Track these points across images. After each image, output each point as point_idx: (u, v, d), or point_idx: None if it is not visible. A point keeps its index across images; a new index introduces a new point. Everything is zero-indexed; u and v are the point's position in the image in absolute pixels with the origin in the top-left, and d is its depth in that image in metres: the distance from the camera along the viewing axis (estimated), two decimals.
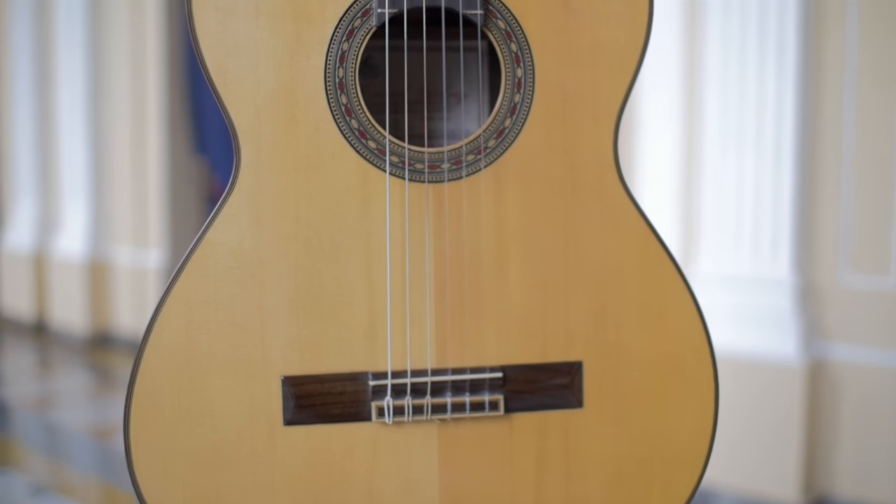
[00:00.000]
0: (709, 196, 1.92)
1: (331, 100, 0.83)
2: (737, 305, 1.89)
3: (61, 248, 3.52)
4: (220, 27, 0.82)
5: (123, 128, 3.34)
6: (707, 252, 1.94)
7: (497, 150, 0.86)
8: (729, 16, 1.87)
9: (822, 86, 1.82)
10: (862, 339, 1.81)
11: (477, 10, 0.84)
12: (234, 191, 0.83)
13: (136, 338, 3.31)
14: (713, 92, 1.90)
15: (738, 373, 1.85)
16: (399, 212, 0.84)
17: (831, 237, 1.83)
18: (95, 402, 2.69)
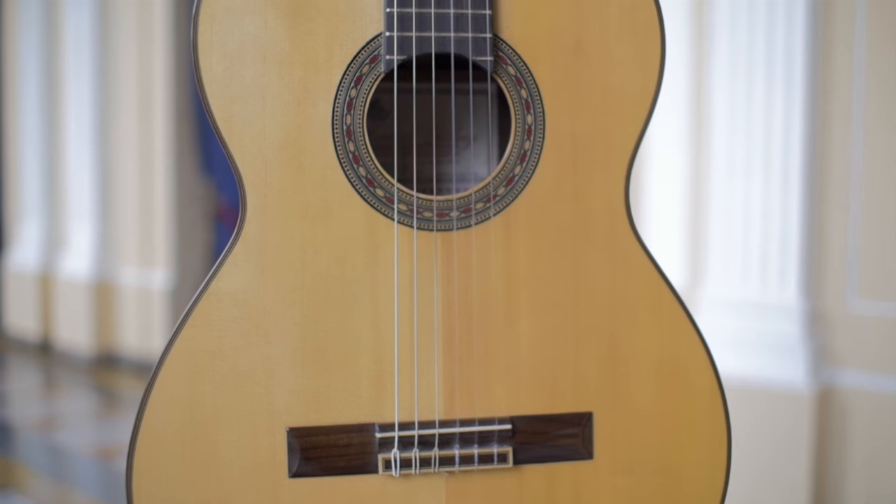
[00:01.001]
0: (716, 221, 1.91)
1: (338, 147, 0.82)
2: (745, 331, 1.88)
3: (67, 267, 3.52)
4: (227, 73, 0.81)
5: (130, 148, 3.34)
6: (715, 277, 1.93)
7: (507, 197, 0.85)
8: (736, 42, 1.86)
9: (829, 112, 1.81)
10: (871, 366, 1.79)
11: (487, 56, 0.83)
12: (240, 240, 0.81)
13: (142, 358, 3.30)
14: (720, 117, 1.89)
15: (746, 399, 1.83)
16: (407, 261, 0.83)
17: (839, 263, 1.81)
18: (100, 423, 2.68)
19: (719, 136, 1.89)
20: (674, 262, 2.01)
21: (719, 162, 1.90)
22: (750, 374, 1.84)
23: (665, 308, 0.87)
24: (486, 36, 0.82)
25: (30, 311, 3.72)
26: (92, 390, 3.08)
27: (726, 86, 1.88)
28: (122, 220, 3.40)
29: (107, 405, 2.89)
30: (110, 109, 3.40)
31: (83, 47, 3.41)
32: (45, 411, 2.80)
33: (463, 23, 0.82)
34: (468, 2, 0.82)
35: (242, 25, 0.81)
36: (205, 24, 0.80)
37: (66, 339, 3.51)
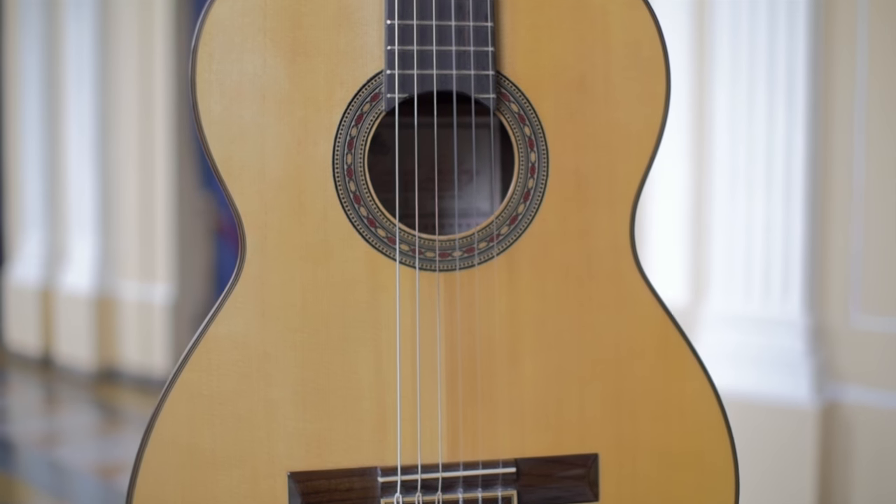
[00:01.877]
0: (719, 236, 1.90)
1: (339, 187, 0.81)
2: (747, 346, 1.87)
3: (68, 282, 3.51)
4: (226, 113, 0.80)
5: (131, 162, 3.33)
6: (717, 292, 1.92)
7: (510, 236, 0.83)
8: (738, 57, 1.85)
9: (832, 125, 1.80)
10: (875, 381, 1.78)
11: (489, 94, 0.81)
12: (239, 282, 0.80)
13: (143, 373, 3.29)
14: (722, 130, 1.88)
15: (749, 415, 1.82)
16: (409, 302, 0.82)
17: (842, 278, 1.80)
18: (101, 440, 2.67)
19: (721, 150, 1.89)
20: (676, 277, 2.00)
21: (721, 176, 1.89)
22: (753, 390, 1.83)
23: (671, 347, 0.86)
24: (489, 73, 0.81)
25: (30, 326, 3.71)
26: (93, 406, 3.06)
27: (727, 99, 1.87)
28: (122, 235, 3.39)
29: (108, 421, 2.88)
30: (111, 123, 3.39)
31: (84, 60, 3.40)
32: (45, 427, 2.78)
33: (465, 60, 0.81)
34: (470, 39, 0.81)
35: (241, 64, 0.80)
36: (203, 63, 0.79)
37: (67, 353, 3.50)
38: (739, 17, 1.85)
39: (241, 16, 0.80)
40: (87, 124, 3.40)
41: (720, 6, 1.88)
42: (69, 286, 3.49)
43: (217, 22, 0.79)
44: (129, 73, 3.31)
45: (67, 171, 3.56)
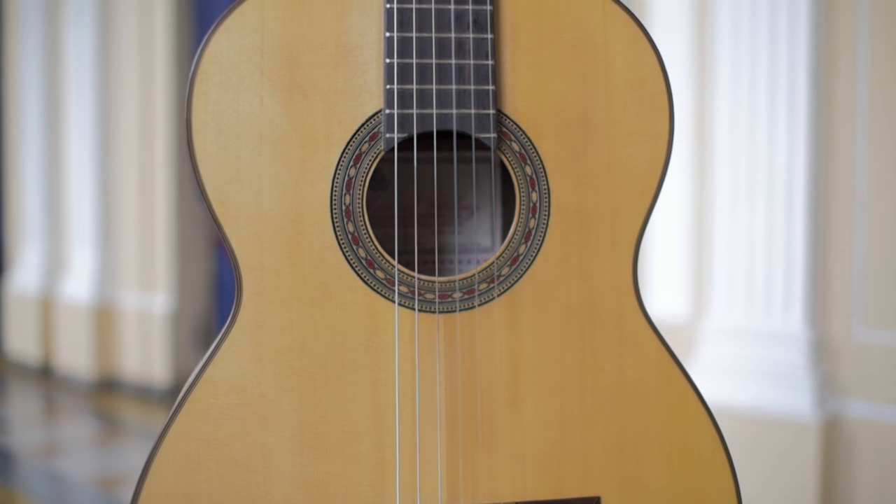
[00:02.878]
0: (720, 249, 1.90)
1: (337, 228, 0.80)
2: (749, 360, 1.86)
3: (68, 291, 3.50)
4: (222, 153, 0.78)
5: (131, 172, 3.32)
6: (719, 306, 1.91)
7: (511, 277, 0.82)
8: (739, 69, 1.84)
9: (833, 138, 1.79)
10: (878, 396, 1.77)
11: (490, 133, 0.80)
12: (236, 325, 0.79)
13: (143, 383, 3.28)
14: (723, 144, 1.88)
15: (752, 429, 1.81)
16: (408, 344, 0.81)
17: (845, 291, 1.79)
18: (101, 450, 2.66)
19: (722, 163, 1.88)
20: (677, 290, 1.99)
21: (722, 189, 1.88)
22: (755, 404, 1.82)
23: (674, 388, 0.84)
24: (490, 112, 0.80)
25: (30, 335, 3.70)
26: (92, 416, 3.05)
27: (728, 111, 1.86)
28: (123, 245, 3.38)
29: (107, 432, 2.86)
30: (111, 133, 3.38)
31: (85, 70, 3.39)
32: (45, 438, 2.77)
33: (465, 99, 0.80)
34: (471, 77, 0.80)
35: (238, 103, 0.78)
36: (199, 103, 0.78)
37: (67, 363, 3.49)
38: (740, 28, 1.84)
39: (238, 54, 0.78)
40: (88, 134, 3.40)
41: (721, 16, 1.87)
42: (69, 295, 3.48)
43: (213, 60, 0.78)
44: (129, 82, 3.31)
45: (68, 180, 3.55)
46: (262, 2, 0.78)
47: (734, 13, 1.85)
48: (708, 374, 1.90)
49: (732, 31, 1.85)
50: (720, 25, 1.87)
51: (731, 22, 1.86)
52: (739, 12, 1.84)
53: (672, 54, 1.98)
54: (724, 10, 1.86)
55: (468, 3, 0.79)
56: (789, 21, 1.78)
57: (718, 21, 1.87)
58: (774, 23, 1.80)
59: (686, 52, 1.96)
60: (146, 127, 3.26)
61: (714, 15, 1.88)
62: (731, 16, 1.85)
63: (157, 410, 3.11)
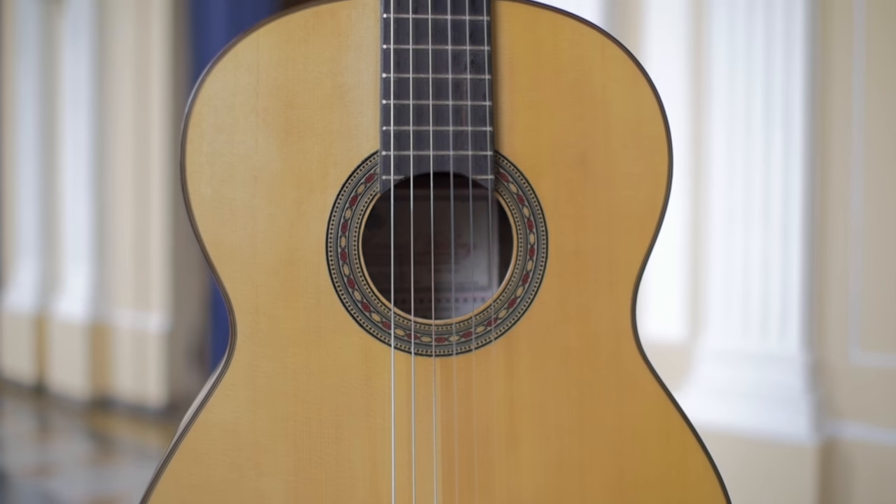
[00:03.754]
0: (716, 271, 1.89)
1: (332, 271, 0.79)
2: (745, 382, 1.85)
3: (62, 309, 3.48)
4: (216, 195, 0.78)
5: (127, 190, 3.31)
6: (715, 328, 1.90)
7: (508, 320, 0.81)
8: (735, 93, 1.84)
9: (829, 161, 1.79)
10: (874, 418, 1.76)
11: (488, 175, 0.79)
12: (230, 369, 0.78)
13: (137, 402, 3.26)
14: (719, 167, 1.87)
15: (749, 452, 1.81)
16: (405, 388, 0.80)
17: (841, 314, 1.79)
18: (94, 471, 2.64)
19: (718, 185, 1.87)
20: (674, 312, 1.98)
21: (719, 210, 1.88)
22: (751, 426, 1.81)
23: (674, 432, 0.83)
24: (487, 154, 0.79)
25: (24, 353, 3.68)
26: (86, 436, 3.03)
27: (724, 134, 1.86)
28: (117, 263, 3.37)
29: (101, 451, 2.85)
30: (107, 151, 3.37)
31: (81, 88, 3.39)
32: (38, 458, 2.75)
33: (462, 140, 0.79)
34: (468, 118, 0.79)
35: (232, 145, 0.78)
36: (193, 145, 0.77)
37: (61, 381, 3.47)
38: (736, 53, 1.84)
39: (233, 95, 0.77)
40: (83, 151, 3.39)
41: (717, 41, 1.87)
42: (63, 313, 3.47)
43: (208, 101, 0.77)
44: (125, 100, 3.30)
45: (63, 198, 3.54)
46: (258, 42, 0.78)
47: (730, 36, 1.85)
48: (704, 395, 1.89)
49: (728, 56, 1.85)
50: (716, 47, 1.87)
51: (726, 46, 1.85)
52: (735, 35, 1.84)
53: (668, 76, 1.98)
54: (719, 32, 1.86)
55: (466, 43, 0.79)
56: (785, 44, 1.78)
57: (714, 43, 1.87)
58: (770, 48, 1.80)
59: (682, 74, 1.96)
60: (142, 145, 3.25)
61: (710, 37, 1.88)
62: (727, 38, 1.85)
63: (151, 430, 3.09)
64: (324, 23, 0.78)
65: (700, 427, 1.84)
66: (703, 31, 1.92)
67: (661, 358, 1.97)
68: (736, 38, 1.84)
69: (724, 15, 1.86)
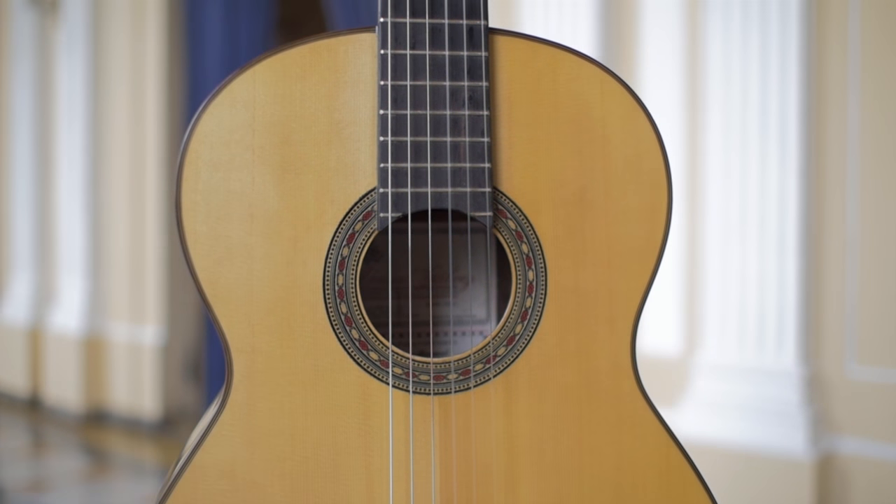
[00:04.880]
0: (712, 285, 1.89)
1: (329, 309, 0.78)
2: (742, 397, 1.85)
3: (57, 322, 3.47)
4: (212, 233, 0.77)
5: (121, 203, 3.30)
6: (711, 342, 1.90)
7: (507, 358, 0.80)
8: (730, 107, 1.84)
9: (825, 175, 1.79)
10: (871, 433, 1.76)
11: (486, 211, 0.79)
12: (226, 409, 0.77)
13: (132, 415, 3.25)
14: (715, 181, 1.87)
15: (745, 466, 1.80)
16: (403, 427, 0.79)
17: (838, 328, 1.79)
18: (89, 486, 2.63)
19: (714, 200, 1.87)
20: (670, 326, 1.98)
21: (715, 225, 1.88)
22: (748, 441, 1.80)
23: (674, 468, 0.83)
24: (486, 190, 0.78)
25: (19, 367, 3.67)
26: (81, 450, 3.02)
27: (720, 149, 1.86)
28: (112, 276, 3.35)
29: (96, 466, 2.83)
30: (102, 163, 3.36)
31: (76, 100, 3.38)
32: (33, 473, 2.74)
33: (461, 177, 0.78)
34: (466, 155, 0.78)
35: (228, 182, 0.77)
36: (189, 182, 0.76)
37: (56, 395, 3.46)
38: (731, 67, 1.84)
39: (229, 132, 0.77)
40: (78, 164, 3.38)
41: (712, 55, 1.87)
42: (58, 327, 3.45)
43: (203, 138, 0.77)
44: (120, 112, 3.29)
45: (57, 210, 3.53)
46: (254, 78, 0.77)
47: (725, 48, 1.85)
48: (700, 410, 1.89)
49: (724, 70, 1.85)
50: (712, 64, 1.87)
51: (722, 60, 1.85)
52: (731, 47, 1.84)
53: (663, 88, 1.98)
54: (715, 44, 1.86)
55: (464, 79, 0.78)
56: (780, 59, 1.78)
57: (710, 59, 1.87)
58: (766, 60, 1.80)
59: (677, 86, 1.96)
60: (137, 157, 3.24)
61: (705, 49, 1.88)
62: (723, 54, 1.85)
63: (146, 444, 3.08)
64: (321, 59, 0.78)
65: (696, 441, 1.84)
66: (699, 42, 1.92)
67: (658, 372, 1.96)
68: (731, 50, 1.84)
69: (719, 27, 1.86)
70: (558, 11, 2.07)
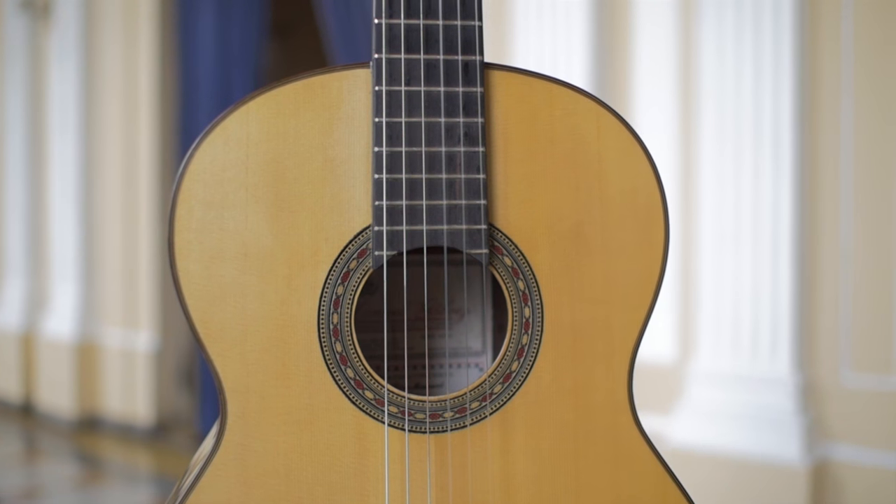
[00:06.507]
0: (706, 293, 1.89)
1: (324, 348, 0.77)
2: (736, 404, 1.84)
3: (50, 328, 3.45)
4: (206, 272, 0.76)
5: (115, 208, 3.29)
6: (705, 350, 1.90)
7: (503, 395, 0.80)
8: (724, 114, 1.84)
9: (818, 183, 1.79)
10: (865, 440, 1.76)
11: (482, 249, 0.78)
12: (220, 449, 0.76)
13: (125, 421, 3.24)
14: (709, 189, 1.87)
15: (740, 474, 1.80)
16: (398, 466, 0.78)
17: (831, 336, 1.79)
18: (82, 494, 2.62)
19: (708, 208, 1.87)
20: (664, 333, 1.98)
21: (708, 233, 1.87)
22: (742, 448, 1.80)
23: None
24: (481, 227, 0.78)
25: (12, 373, 3.65)
26: (74, 457, 3.01)
27: (714, 157, 1.86)
28: (106, 281, 3.34)
29: (89, 473, 2.83)
30: (95, 169, 3.35)
31: (68, 105, 3.36)
32: (26, 481, 2.73)
33: (456, 214, 0.78)
34: (462, 192, 0.77)
35: (222, 221, 0.76)
36: (182, 221, 0.76)
37: (48, 400, 3.45)
38: (725, 75, 1.84)
39: (223, 170, 0.76)
40: (71, 170, 3.36)
41: (706, 63, 1.86)
42: (51, 333, 3.44)
43: (196, 177, 0.76)
44: (112, 118, 3.28)
45: (50, 216, 3.52)
46: (247, 116, 0.76)
47: (718, 57, 1.85)
48: (695, 418, 1.89)
49: (718, 77, 1.85)
50: (706, 72, 1.86)
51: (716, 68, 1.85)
52: (724, 56, 1.84)
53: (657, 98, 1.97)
54: (708, 54, 1.86)
55: (459, 116, 0.77)
56: (774, 68, 1.78)
57: (704, 69, 1.87)
58: (759, 69, 1.80)
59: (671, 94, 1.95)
60: (129, 163, 3.23)
61: (699, 59, 1.88)
62: (717, 62, 1.85)
63: (139, 450, 3.07)
64: (315, 95, 0.77)
65: (691, 449, 1.84)
66: (692, 49, 1.91)
67: (652, 380, 1.96)
68: (725, 57, 1.84)
69: (712, 36, 1.85)
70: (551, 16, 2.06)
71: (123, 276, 3.27)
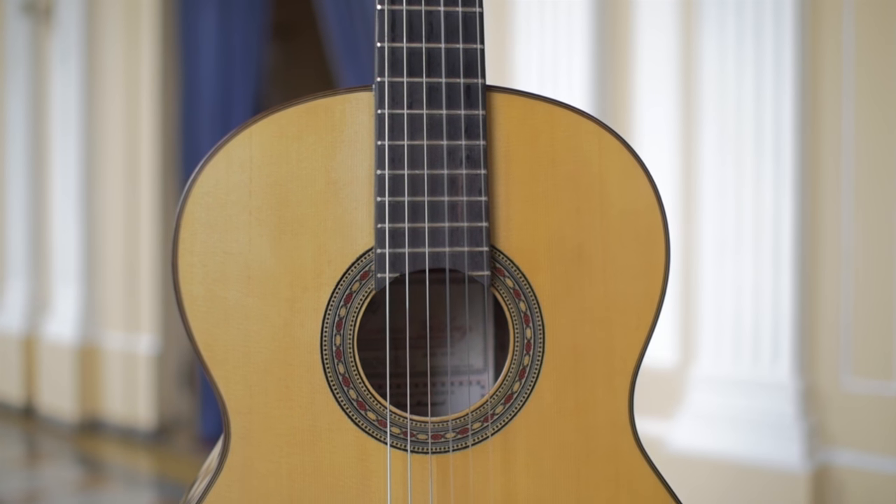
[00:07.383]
0: (708, 298, 1.89)
1: (327, 370, 0.78)
2: (737, 409, 1.85)
3: (51, 331, 3.46)
4: (209, 295, 0.76)
5: (116, 212, 3.29)
6: (707, 354, 1.90)
7: (505, 416, 0.80)
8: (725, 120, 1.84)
9: (819, 188, 1.79)
10: (866, 445, 1.76)
11: (484, 270, 0.78)
12: (224, 470, 0.77)
13: (127, 425, 3.25)
14: (710, 195, 1.87)
15: (741, 478, 1.80)
16: (401, 487, 0.79)
17: (832, 341, 1.79)
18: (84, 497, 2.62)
19: (709, 212, 1.87)
20: (665, 339, 1.98)
21: (709, 238, 1.88)
22: (743, 453, 1.81)
23: None
24: (483, 250, 0.78)
25: (13, 376, 3.66)
26: (75, 460, 3.02)
27: (715, 162, 1.86)
28: (107, 285, 3.34)
29: (91, 476, 2.83)
30: (96, 173, 3.35)
31: (70, 110, 3.37)
32: (28, 484, 2.74)
33: (458, 236, 0.78)
34: (464, 214, 0.78)
35: (225, 244, 0.77)
36: (185, 244, 0.76)
37: (50, 404, 3.45)
38: (726, 79, 1.84)
39: (226, 194, 0.76)
40: (72, 173, 3.37)
41: (707, 68, 1.87)
42: (52, 336, 3.44)
43: (200, 200, 0.76)
44: (114, 121, 3.28)
45: (52, 219, 3.52)
46: (250, 139, 0.77)
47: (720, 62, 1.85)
48: (696, 422, 1.89)
49: (719, 82, 1.85)
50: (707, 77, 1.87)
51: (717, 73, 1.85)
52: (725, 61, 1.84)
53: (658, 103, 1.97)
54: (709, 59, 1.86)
55: (461, 138, 0.78)
56: (775, 72, 1.78)
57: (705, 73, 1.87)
58: (761, 73, 1.80)
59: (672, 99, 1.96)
60: (131, 166, 3.23)
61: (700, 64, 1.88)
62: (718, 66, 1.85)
63: (141, 453, 3.07)
64: (317, 118, 0.77)
65: (692, 454, 1.84)
66: (694, 54, 1.92)
67: (654, 384, 1.97)
68: (726, 62, 1.84)
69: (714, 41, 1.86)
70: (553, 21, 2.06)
71: (125, 279, 3.27)
